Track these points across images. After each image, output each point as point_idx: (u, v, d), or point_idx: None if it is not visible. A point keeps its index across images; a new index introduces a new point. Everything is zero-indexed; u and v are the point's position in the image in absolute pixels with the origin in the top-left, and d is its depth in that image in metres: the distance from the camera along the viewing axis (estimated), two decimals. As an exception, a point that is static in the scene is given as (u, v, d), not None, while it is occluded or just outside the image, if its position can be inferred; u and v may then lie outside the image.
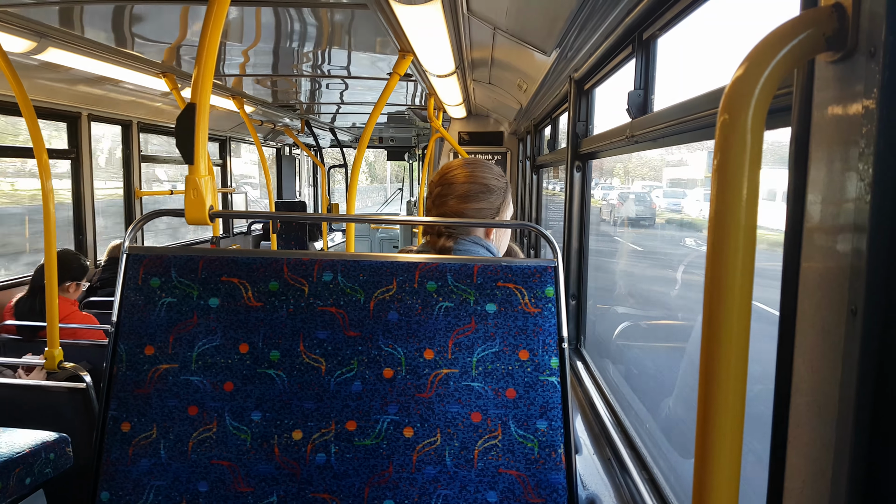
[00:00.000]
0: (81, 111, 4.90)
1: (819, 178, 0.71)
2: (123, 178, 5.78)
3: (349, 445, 1.48)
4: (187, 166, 1.50)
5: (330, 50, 3.72)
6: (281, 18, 2.95)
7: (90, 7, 2.74)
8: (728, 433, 0.65)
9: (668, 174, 8.34)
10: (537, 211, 5.39)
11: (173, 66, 4.05)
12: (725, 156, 0.64)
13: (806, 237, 0.73)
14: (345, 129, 9.70)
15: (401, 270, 1.56)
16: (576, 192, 2.91)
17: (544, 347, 1.51)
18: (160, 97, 5.23)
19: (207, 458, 1.49)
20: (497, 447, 1.47)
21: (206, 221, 1.51)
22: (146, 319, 1.56)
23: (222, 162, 7.89)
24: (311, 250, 7.27)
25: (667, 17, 1.72)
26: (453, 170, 1.82)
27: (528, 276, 1.54)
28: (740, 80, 0.64)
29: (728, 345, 0.64)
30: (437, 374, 1.50)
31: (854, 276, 0.63)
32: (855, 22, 0.63)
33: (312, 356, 1.53)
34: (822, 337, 0.69)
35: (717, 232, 0.64)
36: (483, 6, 2.44)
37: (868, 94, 0.61)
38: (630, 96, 1.99)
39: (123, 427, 1.51)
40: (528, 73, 3.45)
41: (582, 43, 2.28)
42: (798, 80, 0.75)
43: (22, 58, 3.29)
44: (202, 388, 1.52)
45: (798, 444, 0.74)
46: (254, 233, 9.18)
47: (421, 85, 4.39)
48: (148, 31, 3.25)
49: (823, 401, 0.69)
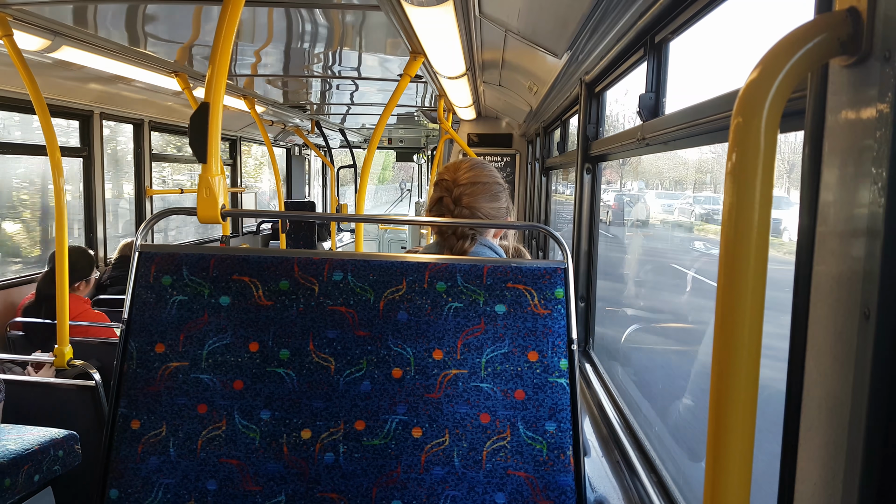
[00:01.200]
0: (94, 109, 4.93)
1: (832, 182, 0.71)
2: (134, 176, 5.82)
3: (358, 445, 1.49)
4: (200, 165, 1.51)
5: (341, 51, 3.74)
6: (293, 19, 2.96)
7: (104, 6, 2.76)
8: (740, 435, 0.65)
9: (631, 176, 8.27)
10: (546, 213, 5.39)
11: (185, 65, 4.08)
12: (739, 158, 0.64)
13: (819, 240, 0.73)
14: (355, 129, 9.72)
15: (411, 270, 1.56)
16: (585, 195, 2.91)
17: (553, 349, 1.51)
18: (171, 96, 5.26)
19: (216, 456, 1.49)
20: (506, 448, 1.47)
21: (218, 220, 1.52)
22: (157, 317, 1.57)
23: (232, 161, 7.93)
24: (320, 250, 7.30)
25: (679, 21, 1.72)
26: (462, 170, 1.82)
27: (538, 277, 1.55)
28: (754, 83, 0.64)
29: (741, 347, 0.64)
30: (446, 374, 1.51)
31: (867, 280, 0.63)
32: (870, 26, 0.63)
33: (322, 355, 1.53)
34: (834, 340, 0.69)
35: (730, 234, 0.64)
36: (495, 8, 2.44)
37: (882, 99, 0.61)
38: (641, 99, 1.99)
39: (133, 425, 1.52)
40: (539, 76, 3.45)
41: (593, 46, 2.28)
42: (812, 84, 0.75)
43: (36, 56, 3.32)
44: (212, 387, 1.53)
45: (809, 447, 0.74)
46: (263, 232, 9.21)
47: (431, 86, 4.40)
48: (161, 31, 3.27)
49: (835, 404, 0.69)
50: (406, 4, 2.16)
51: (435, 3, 2.10)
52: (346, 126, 8.97)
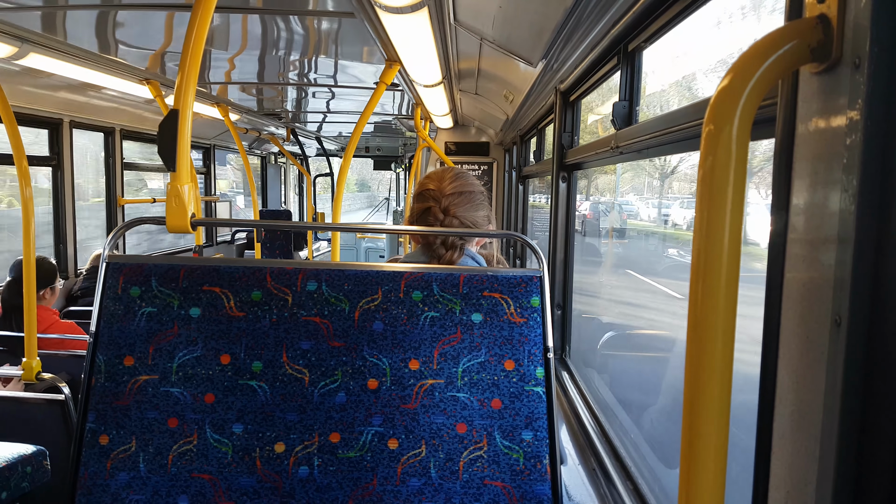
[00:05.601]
0: (63, 118, 4.85)
1: (803, 189, 0.71)
2: (105, 185, 5.73)
3: (333, 458, 1.46)
4: (169, 173, 1.48)
5: (316, 58, 3.72)
6: (267, 26, 2.94)
7: (73, 12, 2.72)
8: (713, 441, 0.64)
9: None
10: (523, 221, 5.41)
11: (157, 72, 4.03)
12: (710, 166, 0.64)
13: (790, 248, 0.73)
14: (331, 137, 9.68)
15: (386, 280, 1.55)
16: (561, 203, 2.92)
17: (530, 357, 1.51)
18: (143, 104, 5.19)
19: (188, 471, 1.46)
20: (482, 458, 1.46)
21: (187, 229, 1.49)
22: (126, 329, 1.54)
23: (206, 170, 7.84)
24: (295, 260, 7.22)
25: (652, 30, 1.73)
26: (447, 180, 1.80)
27: (514, 285, 1.54)
28: (725, 90, 0.64)
29: (713, 353, 0.64)
30: (422, 384, 1.49)
31: (838, 287, 0.63)
32: (840, 33, 0.63)
33: (296, 367, 1.51)
34: (806, 347, 0.69)
35: (702, 241, 0.64)
36: (470, 16, 2.44)
37: (853, 106, 0.61)
38: (615, 107, 2.00)
39: (102, 440, 1.48)
40: (515, 84, 3.47)
41: (568, 54, 2.29)
42: (783, 91, 0.75)
43: (2, 63, 3.26)
44: (182, 400, 1.50)
45: (782, 455, 0.74)
46: (237, 242, 9.11)
47: (408, 95, 4.40)
48: (132, 38, 3.22)
49: (807, 411, 0.69)
50: (381, 11, 2.15)
51: (409, 10, 2.10)
52: (322, 134, 8.92)
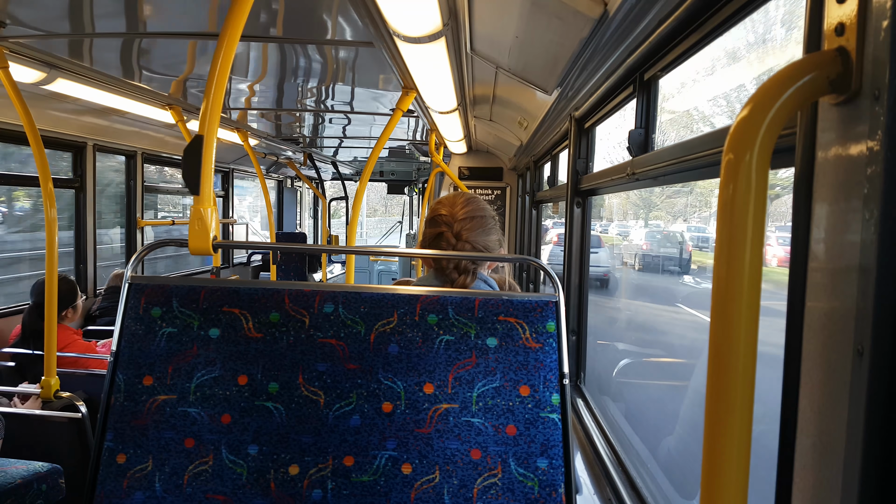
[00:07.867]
0: (87, 141, 4.94)
1: (823, 218, 0.71)
2: (126, 207, 5.81)
3: (346, 482, 1.46)
4: (192, 196, 1.51)
5: (334, 86, 3.77)
6: (287, 54, 2.99)
7: (100, 40, 2.78)
8: (734, 471, 0.64)
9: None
10: (537, 245, 5.40)
11: (180, 98, 4.10)
12: (731, 194, 0.64)
13: (811, 276, 0.73)
14: (347, 162, 9.77)
15: (402, 303, 1.55)
16: (576, 228, 2.92)
17: (545, 383, 1.50)
18: (164, 128, 5.28)
19: (203, 492, 1.46)
20: (497, 486, 1.45)
21: (209, 252, 1.51)
22: (146, 349, 1.55)
23: (224, 193, 7.93)
24: (311, 282, 7.24)
25: (668, 59, 1.75)
26: (459, 205, 1.82)
27: (530, 310, 1.54)
28: (745, 120, 0.65)
29: (735, 380, 0.64)
30: (436, 408, 1.49)
31: (860, 317, 0.63)
32: (859, 66, 0.64)
33: (311, 389, 1.51)
34: (827, 377, 0.69)
35: (722, 268, 0.65)
36: (486, 45, 2.48)
37: (872, 136, 0.61)
38: (631, 135, 2.01)
39: (119, 459, 1.49)
40: (529, 111, 3.49)
41: (583, 83, 2.31)
42: (802, 122, 0.76)
43: (31, 87, 3.33)
44: (199, 421, 1.50)
45: (804, 486, 0.74)
46: (253, 263, 9.17)
47: (423, 120, 4.44)
48: (156, 64, 3.29)
49: (830, 442, 0.68)
50: (399, 41, 2.19)
51: (427, 40, 2.13)
52: (338, 159, 9.01)
